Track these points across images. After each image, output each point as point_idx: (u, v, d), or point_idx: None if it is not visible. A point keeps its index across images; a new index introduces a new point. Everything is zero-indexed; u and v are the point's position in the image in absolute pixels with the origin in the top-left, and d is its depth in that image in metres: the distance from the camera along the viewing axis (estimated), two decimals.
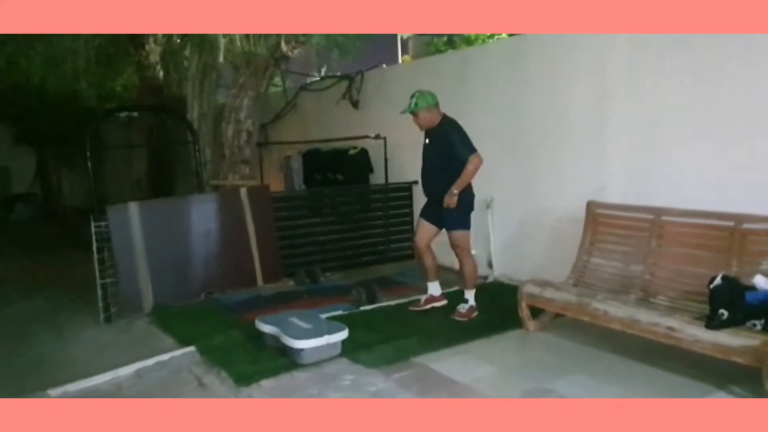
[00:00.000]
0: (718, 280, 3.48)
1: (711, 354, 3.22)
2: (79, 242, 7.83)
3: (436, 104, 4.69)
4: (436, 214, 4.75)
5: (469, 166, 4.54)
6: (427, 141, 4.78)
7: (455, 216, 4.67)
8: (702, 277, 3.75)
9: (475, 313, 4.70)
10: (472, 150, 4.57)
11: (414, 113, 4.66)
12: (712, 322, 3.30)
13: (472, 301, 4.76)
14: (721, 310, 3.36)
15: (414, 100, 4.63)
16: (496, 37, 8.89)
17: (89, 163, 5.19)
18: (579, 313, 3.96)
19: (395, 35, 9.85)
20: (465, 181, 4.57)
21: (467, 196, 4.71)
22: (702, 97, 4.27)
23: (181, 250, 5.54)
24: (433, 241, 4.93)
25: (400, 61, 9.92)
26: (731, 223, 3.78)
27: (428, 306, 4.96)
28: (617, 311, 3.72)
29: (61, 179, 13.47)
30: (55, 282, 6.74)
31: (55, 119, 11.20)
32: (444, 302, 4.96)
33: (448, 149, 4.58)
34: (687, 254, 4.03)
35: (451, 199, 4.54)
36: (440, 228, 4.83)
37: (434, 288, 5.02)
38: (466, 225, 4.75)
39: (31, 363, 4.27)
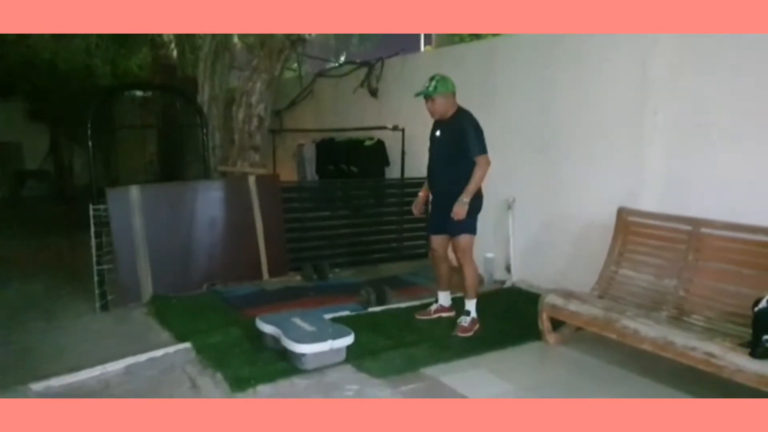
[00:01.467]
0: (763, 303, 3.15)
1: (755, 386, 2.88)
2: (86, 223, 7.65)
3: (454, 93, 4.34)
4: (442, 220, 4.38)
5: (479, 171, 4.19)
6: (438, 133, 4.41)
7: (464, 220, 4.29)
8: (744, 298, 3.42)
9: (477, 326, 4.34)
10: (483, 150, 4.22)
11: (431, 97, 4.27)
12: (757, 349, 2.97)
13: (473, 313, 4.38)
14: (766, 336, 3.03)
15: (433, 83, 4.24)
16: None
17: (90, 142, 4.94)
18: (606, 329, 3.63)
19: None
20: (474, 188, 4.21)
21: (476, 198, 4.33)
22: (753, 97, 3.88)
23: (183, 238, 5.29)
24: (448, 248, 4.59)
25: (422, 50, 9.56)
26: None
27: (436, 315, 4.65)
28: (649, 330, 3.38)
29: (73, 158, 13.29)
30: (57, 265, 6.54)
31: (69, 96, 10.99)
32: (452, 313, 4.63)
33: (461, 143, 4.22)
34: (728, 271, 3.68)
35: (461, 209, 4.18)
36: (446, 232, 4.45)
37: (445, 298, 4.71)
38: (472, 229, 4.37)
39: (18, 353, 4.03)
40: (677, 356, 3.21)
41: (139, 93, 12.05)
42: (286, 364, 3.66)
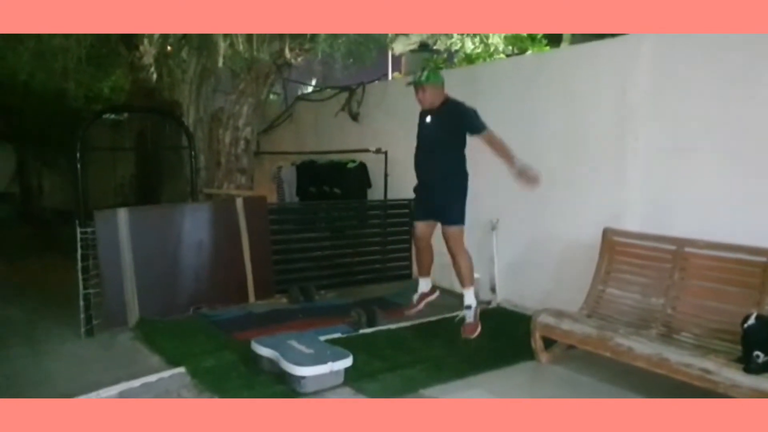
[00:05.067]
0: (752, 320, 3.28)
1: None
2: (58, 246, 7.47)
3: (443, 84, 4.51)
4: (429, 206, 4.52)
5: (496, 139, 4.33)
6: (429, 120, 4.51)
7: (453, 209, 4.43)
8: (730, 314, 3.58)
9: (479, 328, 4.47)
10: (486, 125, 4.39)
11: (421, 85, 4.41)
12: (750, 365, 3.09)
13: (473, 303, 4.48)
14: (757, 352, 3.16)
15: (426, 73, 4.43)
16: (497, 56, 8.74)
17: (78, 165, 4.87)
18: (600, 347, 3.72)
19: (387, 51, 9.60)
20: (507, 149, 4.33)
21: (464, 183, 4.50)
22: (733, 121, 4.08)
23: (170, 260, 5.22)
24: (432, 236, 4.72)
25: (390, 77, 9.67)
26: (764, 259, 3.59)
27: (422, 304, 4.74)
28: (643, 348, 3.49)
29: (42, 180, 13.00)
30: (32, 289, 6.36)
31: (39, 118, 10.80)
32: (437, 294, 4.75)
33: (457, 127, 4.37)
34: (713, 289, 3.82)
35: (529, 175, 4.26)
36: (436, 220, 4.59)
37: (425, 284, 4.83)
38: (462, 219, 4.50)
39: (2, 380, 3.90)
40: (672, 373, 3.30)
41: (111, 116, 11.89)
42: (284, 387, 3.64)
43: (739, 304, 3.58)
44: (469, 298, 4.48)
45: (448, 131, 4.40)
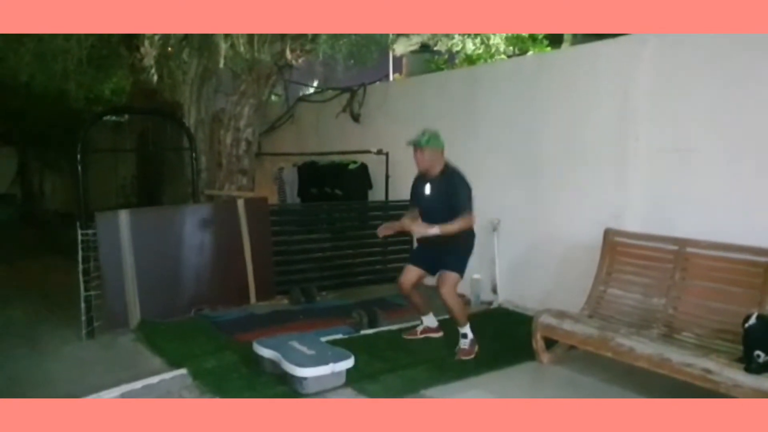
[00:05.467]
0: (752, 320, 3.27)
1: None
2: (59, 248, 7.47)
3: (443, 150, 4.40)
4: (429, 259, 4.42)
5: (461, 222, 4.16)
6: (428, 191, 4.41)
7: (456, 260, 4.35)
8: (732, 314, 3.57)
9: (477, 347, 4.37)
10: (470, 209, 4.26)
11: (421, 147, 4.32)
12: (751, 365, 3.08)
13: (470, 334, 4.38)
14: (757, 352, 3.15)
15: (426, 136, 4.31)
16: (498, 57, 8.75)
17: (79, 167, 4.86)
18: (601, 348, 3.72)
19: (388, 51, 9.62)
20: (451, 230, 4.17)
21: (470, 240, 4.44)
22: (734, 121, 4.08)
23: (172, 262, 5.23)
24: (417, 285, 4.61)
25: (391, 79, 9.67)
26: (765, 259, 3.58)
27: (423, 336, 4.69)
28: (645, 348, 3.48)
29: (43, 181, 13.01)
30: (33, 290, 6.36)
31: (40, 120, 10.81)
32: (440, 334, 4.67)
33: (452, 198, 4.27)
34: (715, 289, 3.82)
35: (422, 228, 4.23)
36: (430, 273, 4.49)
37: (430, 320, 4.75)
38: (462, 270, 4.40)
39: (4, 382, 3.91)
40: (674, 373, 3.30)
41: (112, 117, 11.91)
42: (285, 388, 3.65)
43: (740, 304, 3.58)
44: (465, 329, 4.40)
45: (449, 200, 4.29)
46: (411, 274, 4.53)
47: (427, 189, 4.42)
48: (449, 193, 4.29)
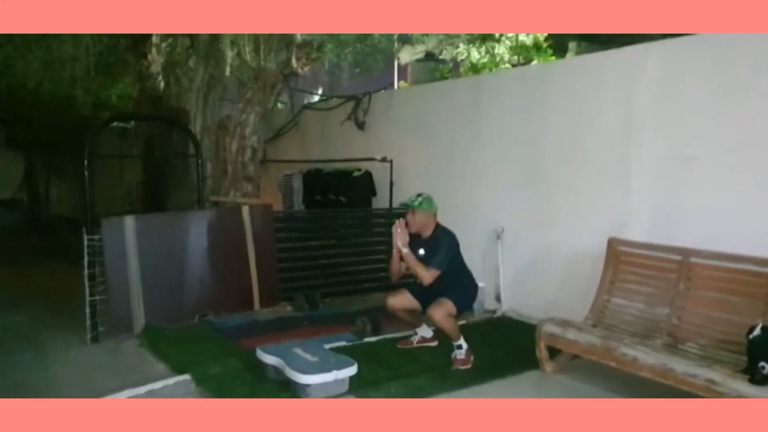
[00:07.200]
0: (757, 331, 3.27)
1: None
2: (65, 253, 7.51)
3: (435, 214, 4.49)
4: (427, 296, 4.43)
5: (427, 274, 4.29)
6: (422, 251, 4.47)
7: (460, 296, 4.39)
8: (736, 325, 3.56)
9: (473, 357, 4.36)
10: (441, 268, 4.31)
11: (414, 209, 4.42)
12: (755, 376, 3.08)
13: (465, 345, 4.35)
14: (762, 363, 3.14)
15: (419, 199, 4.42)
16: (503, 66, 8.79)
17: (86, 173, 4.89)
18: (605, 357, 3.71)
19: (393, 60, 9.67)
20: (411, 267, 4.35)
21: (471, 287, 4.59)
22: (738, 130, 4.09)
23: (177, 268, 5.25)
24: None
25: (396, 87, 9.72)
26: None
27: (418, 345, 4.69)
28: (648, 358, 3.48)
29: (49, 187, 13.08)
30: (38, 296, 6.39)
31: (48, 126, 10.90)
32: (436, 343, 4.68)
33: (434, 253, 4.35)
34: (719, 300, 3.81)
35: (400, 240, 4.36)
36: (422, 309, 4.49)
37: (424, 331, 4.76)
38: (460, 305, 4.40)
39: (9, 387, 3.92)
40: (677, 383, 3.29)
41: (119, 123, 12.00)
42: (289, 395, 3.65)
43: (744, 315, 3.57)
44: (459, 342, 4.37)
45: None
46: (403, 299, 4.59)
47: (421, 251, 4.48)
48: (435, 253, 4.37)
